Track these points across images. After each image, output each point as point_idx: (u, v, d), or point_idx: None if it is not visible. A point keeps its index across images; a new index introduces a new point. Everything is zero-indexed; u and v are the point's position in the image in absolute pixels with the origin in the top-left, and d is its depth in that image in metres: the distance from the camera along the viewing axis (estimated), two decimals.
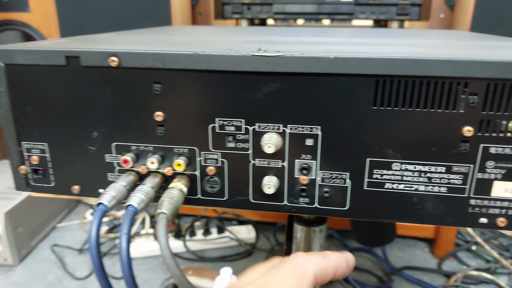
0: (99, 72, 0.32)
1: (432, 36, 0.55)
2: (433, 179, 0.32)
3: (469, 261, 1.20)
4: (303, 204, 0.34)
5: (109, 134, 0.34)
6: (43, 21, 1.41)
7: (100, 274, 0.29)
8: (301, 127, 0.31)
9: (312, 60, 0.29)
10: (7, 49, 0.33)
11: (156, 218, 0.30)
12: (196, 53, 0.30)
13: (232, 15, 0.98)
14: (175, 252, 1.23)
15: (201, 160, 0.34)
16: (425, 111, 0.30)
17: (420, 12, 0.96)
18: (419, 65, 0.28)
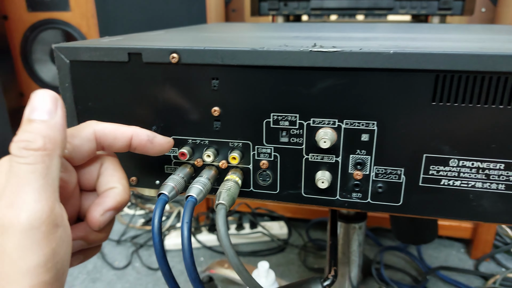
0: (160, 68, 0.33)
1: (481, 30, 0.54)
2: (491, 176, 0.31)
3: (508, 264, 1.16)
4: (355, 199, 0.34)
5: (167, 128, 0.35)
6: (83, 19, 1.46)
7: (162, 261, 0.31)
8: (357, 123, 0.32)
9: (371, 56, 0.29)
10: (72, 47, 0.34)
11: (215, 208, 0.31)
12: (254, 49, 0.31)
13: (268, 11, 0.99)
14: (209, 246, 1.25)
15: (254, 154, 0.35)
16: (485, 107, 0.29)
17: (463, 6, 0.94)
18: (482, 60, 0.28)
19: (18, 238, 0.22)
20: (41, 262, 0.23)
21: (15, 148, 0.24)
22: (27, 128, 0.25)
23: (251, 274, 0.30)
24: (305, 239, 1.27)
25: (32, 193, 0.23)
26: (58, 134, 0.25)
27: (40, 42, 1.50)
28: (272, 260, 1.19)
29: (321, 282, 0.39)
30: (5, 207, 0.23)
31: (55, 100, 0.26)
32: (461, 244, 1.26)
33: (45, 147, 0.24)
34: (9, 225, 0.23)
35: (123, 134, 0.30)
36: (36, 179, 0.24)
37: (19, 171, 0.24)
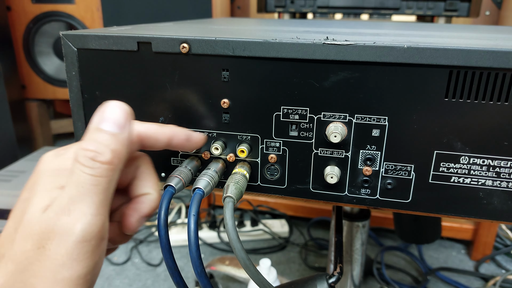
0: (169, 58, 0.33)
1: (491, 30, 0.53)
2: (502, 174, 0.31)
3: (508, 265, 1.16)
4: (364, 195, 0.34)
5: (175, 119, 0.35)
6: (87, 12, 1.46)
7: (168, 255, 0.30)
8: (368, 117, 0.31)
9: (385, 50, 0.29)
10: (80, 34, 0.34)
11: (223, 202, 0.30)
12: (266, 41, 0.31)
13: (275, 8, 0.98)
14: (210, 243, 1.25)
15: (263, 148, 0.34)
16: (498, 104, 0.29)
17: (469, 8, 0.93)
18: (496, 57, 0.28)
19: (69, 247, 0.23)
20: (82, 274, 0.23)
21: (82, 156, 0.24)
22: (96, 137, 0.25)
23: (256, 268, 0.29)
24: (306, 238, 1.27)
25: (92, 206, 0.24)
26: (124, 150, 0.26)
27: (43, 34, 1.49)
28: (273, 258, 1.18)
29: (327, 279, 0.38)
30: (61, 212, 0.23)
31: (127, 114, 0.26)
32: (461, 245, 1.25)
33: (112, 161, 0.25)
34: (63, 232, 0.23)
35: (164, 134, 0.30)
36: (98, 193, 0.24)
37: (83, 180, 0.24)
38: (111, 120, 0.25)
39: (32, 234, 0.23)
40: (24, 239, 0.23)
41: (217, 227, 1.26)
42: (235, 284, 1.07)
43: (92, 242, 0.23)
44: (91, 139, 0.25)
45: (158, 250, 1.23)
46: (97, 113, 0.26)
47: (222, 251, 1.22)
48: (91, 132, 0.25)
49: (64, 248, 0.22)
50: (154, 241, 1.28)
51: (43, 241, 0.23)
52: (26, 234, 0.23)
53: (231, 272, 0.99)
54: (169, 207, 1.20)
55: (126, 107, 0.27)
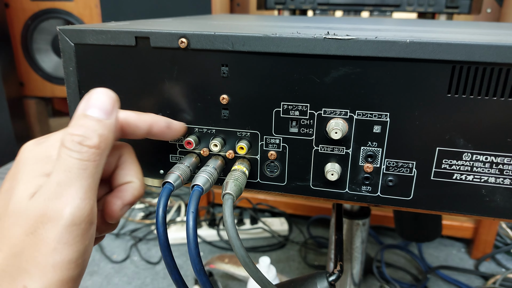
0: (168, 53, 0.32)
1: (493, 26, 0.53)
2: (505, 171, 0.31)
3: (508, 264, 1.16)
4: (365, 192, 0.33)
5: (174, 115, 0.34)
6: (85, 9, 1.45)
7: (166, 252, 0.30)
8: (369, 113, 0.31)
9: (387, 44, 0.28)
10: (77, 29, 0.34)
11: (222, 199, 0.30)
12: (266, 35, 0.30)
13: (275, 5, 0.98)
14: (209, 241, 1.24)
15: (262, 145, 0.34)
16: (502, 100, 0.29)
17: (470, 5, 0.93)
18: (500, 52, 0.27)
19: (59, 231, 0.23)
20: (73, 258, 0.24)
21: (69, 140, 0.24)
22: (83, 123, 0.25)
23: (256, 265, 0.29)
24: (306, 236, 1.27)
25: (80, 190, 0.24)
26: (111, 136, 0.26)
27: (42, 31, 1.48)
28: (272, 256, 1.18)
29: (327, 277, 0.38)
30: (50, 197, 0.23)
31: (114, 101, 0.27)
32: (461, 243, 1.25)
33: (99, 145, 0.25)
34: (53, 216, 0.23)
35: (144, 122, 0.30)
36: (86, 177, 0.24)
37: (71, 165, 0.24)
38: (98, 106, 0.26)
39: (22, 221, 0.23)
40: (13, 225, 0.23)
41: (217, 225, 1.25)
42: (234, 282, 1.07)
43: (82, 226, 0.24)
44: (77, 125, 0.25)
45: (157, 248, 1.23)
46: (83, 100, 0.26)
47: (222, 249, 1.22)
48: (78, 119, 0.25)
49: (55, 232, 0.23)
50: (153, 239, 1.27)
51: (33, 226, 0.23)
52: (14, 220, 0.23)
53: (230, 270, 0.99)
54: (168, 205, 1.19)
55: (112, 93, 0.27)
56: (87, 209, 0.24)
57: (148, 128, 0.30)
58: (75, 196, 0.24)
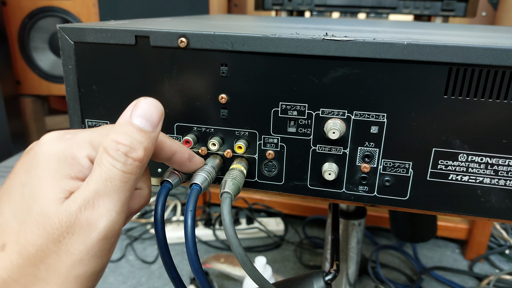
0: (167, 52, 0.32)
1: (489, 29, 0.53)
2: (500, 172, 0.31)
3: (502, 265, 1.17)
4: (362, 192, 0.34)
5: (172, 114, 0.34)
6: (83, 8, 1.45)
7: (164, 250, 0.30)
8: (367, 114, 0.31)
9: (384, 46, 0.29)
10: (77, 27, 0.34)
11: (220, 197, 0.30)
12: (266, 36, 0.30)
13: (272, 6, 0.98)
14: (205, 240, 1.24)
15: (260, 144, 0.34)
16: (498, 102, 0.29)
17: (466, 8, 0.94)
18: (496, 54, 0.28)
19: (89, 243, 0.22)
20: (96, 271, 0.23)
21: (114, 149, 0.23)
22: (129, 132, 0.24)
23: (254, 265, 0.29)
24: (301, 236, 1.27)
25: (118, 203, 0.23)
26: (153, 149, 0.25)
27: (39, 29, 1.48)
28: (268, 256, 1.18)
29: (323, 277, 0.38)
30: (85, 207, 0.22)
31: (161, 113, 0.26)
32: (456, 244, 1.26)
33: (143, 159, 0.24)
34: (85, 227, 0.22)
35: (170, 147, 0.29)
36: (126, 190, 0.23)
37: (113, 175, 0.23)
38: (145, 117, 0.24)
39: (49, 227, 0.21)
40: (36, 230, 0.21)
41: (212, 225, 1.25)
42: (230, 282, 1.07)
43: (112, 240, 0.23)
44: (123, 133, 0.23)
45: (153, 248, 1.23)
46: (130, 107, 0.25)
47: (217, 249, 1.22)
48: (123, 126, 0.24)
49: (84, 244, 0.22)
50: (148, 238, 1.27)
51: (62, 235, 0.21)
52: (38, 225, 0.21)
53: (226, 270, 0.99)
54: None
55: (161, 106, 0.26)
56: (121, 223, 0.23)
57: (172, 155, 0.29)
58: (112, 209, 0.22)
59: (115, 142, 0.23)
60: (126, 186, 0.23)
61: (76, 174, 0.23)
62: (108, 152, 0.23)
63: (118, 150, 0.23)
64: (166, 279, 1.10)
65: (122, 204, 0.23)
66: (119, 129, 0.24)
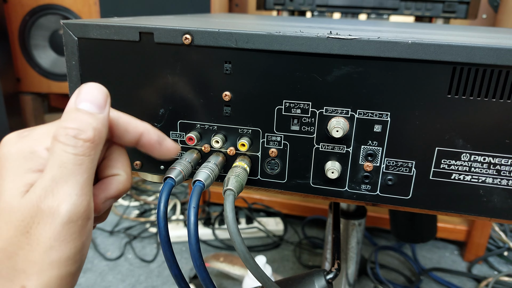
0: (171, 49, 0.32)
1: (491, 31, 0.54)
2: (503, 172, 0.31)
3: (501, 267, 1.17)
4: (364, 191, 0.34)
5: (176, 111, 0.34)
6: (84, 6, 1.44)
7: (166, 247, 0.30)
8: (370, 113, 0.31)
9: (389, 45, 0.29)
10: (81, 23, 0.34)
11: (224, 194, 0.30)
12: (270, 33, 0.30)
13: (274, 6, 0.98)
14: (204, 239, 1.24)
15: (263, 142, 0.34)
16: (501, 102, 0.29)
17: (467, 10, 0.94)
18: (500, 54, 0.28)
19: (55, 229, 0.22)
20: (71, 254, 0.23)
21: (63, 134, 0.23)
22: (75, 116, 0.24)
23: (256, 262, 0.29)
24: (301, 236, 1.27)
25: (76, 186, 0.23)
26: (104, 130, 0.25)
27: (39, 27, 1.48)
28: (267, 256, 1.18)
29: (325, 275, 0.38)
30: (45, 195, 0.22)
31: (105, 95, 0.26)
32: (454, 246, 1.26)
33: (94, 139, 0.24)
34: (48, 214, 0.22)
35: (135, 128, 0.28)
36: (82, 172, 0.23)
37: (66, 160, 0.23)
38: (90, 100, 0.25)
39: (15, 220, 0.22)
40: (4, 225, 0.22)
41: (212, 224, 1.25)
42: (229, 281, 1.07)
43: (79, 223, 0.23)
44: (71, 118, 0.24)
45: (152, 246, 1.23)
46: (74, 94, 0.25)
47: (216, 248, 1.22)
48: (70, 112, 0.24)
49: (51, 230, 0.22)
50: (147, 237, 1.27)
51: (28, 225, 0.22)
52: (6, 220, 0.22)
53: (225, 269, 0.99)
54: None
55: (103, 88, 0.26)
56: (84, 205, 0.23)
57: (138, 137, 0.29)
58: (71, 192, 0.23)
59: (63, 127, 0.24)
60: (81, 168, 0.23)
61: (38, 167, 0.24)
62: (57, 139, 0.23)
63: (68, 135, 0.23)
64: (165, 278, 1.10)
65: (81, 186, 0.23)
66: (66, 116, 0.24)
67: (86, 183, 0.24)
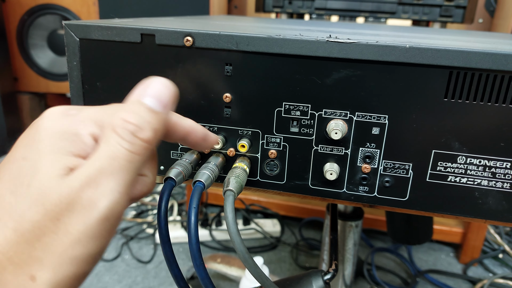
0: (172, 51, 0.33)
1: (488, 35, 0.54)
2: (497, 175, 0.32)
3: (496, 269, 1.18)
4: (362, 192, 0.34)
5: (176, 112, 0.35)
6: (83, 6, 1.45)
7: (167, 247, 0.30)
8: (368, 115, 0.32)
9: (387, 49, 0.29)
10: (83, 24, 0.34)
11: (224, 195, 0.30)
12: (270, 36, 0.31)
13: (273, 8, 0.99)
14: (201, 241, 1.24)
15: (263, 143, 0.34)
16: (496, 106, 0.30)
17: (464, 14, 0.95)
18: (496, 59, 0.28)
19: (89, 223, 0.21)
20: (94, 253, 0.21)
21: (121, 127, 0.22)
22: (137, 110, 0.23)
23: (255, 262, 0.29)
24: (298, 238, 1.28)
25: (121, 183, 0.22)
26: (162, 131, 0.24)
27: (37, 27, 1.48)
28: (264, 257, 1.18)
29: (322, 276, 0.38)
30: (88, 184, 0.21)
31: (173, 94, 0.25)
32: (450, 248, 1.27)
33: (151, 140, 0.23)
34: (86, 206, 0.21)
35: (183, 128, 0.28)
36: (130, 171, 0.22)
37: (118, 154, 0.22)
38: (156, 97, 0.24)
39: (47, 203, 0.20)
40: (34, 206, 0.20)
41: (209, 225, 1.26)
42: (226, 282, 1.07)
43: (112, 222, 0.21)
44: (132, 111, 0.23)
45: (149, 247, 1.23)
46: (141, 86, 0.24)
47: (214, 249, 1.22)
48: (133, 104, 0.23)
49: (84, 223, 0.20)
50: (144, 237, 1.27)
51: (61, 212, 0.20)
52: (37, 201, 0.20)
53: (223, 270, 0.99)
54: None
55: (173, 86, 0.25)
56: (122, 205, 0.22)
57: (185, 135, 0.28)
58: (115, 188, 0.21)
59: (123, 120, 0.22)
60: (131, 167, 0.22)
61: (79, 152, 0.22)
62: (115, 130, 0.22)
63: (126, 129, 0.22)
64: (162, 279, 1.10)
65: (126, 185, 0.22)
66: (129, 107, 0.23)
67: (130, 182, 0.22)
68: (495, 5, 1.25)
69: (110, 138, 0.22)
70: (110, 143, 0.22)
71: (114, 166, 0.21)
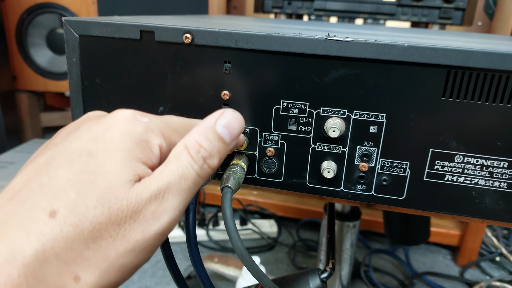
0: (172, 48, 0.33)
1: (486, 37, 0.55)
2: (495, 174, 0.32)
3: (493, 272, 1.18)
4: (359, 191, 0.34)
5: (175, 110, 0.35)
6: (82, 5, 1.45)
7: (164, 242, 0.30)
8: (366, 114, 0.32)
9: (385, 47, 0.30)
10: (82, 21, 0.34)
11: (221, 192, 0.30)
12: (269, 34, 0.31)
13: (272, 9, 0.99)
14: (198, 240, 1.24)
15: (261, 141, 0.35)
16: (494, 105, 0.30)
17: (463, 17, 0.95)
18: (494, 59, 0.29)
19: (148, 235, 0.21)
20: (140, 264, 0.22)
21: (196, 150, 0.23)
22: (211, 138, 0.24)
23: (252, 258, 0.30)
24: (295, 238, 1.28)
25: (182, 203, 0.22)
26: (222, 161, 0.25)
27: (36, 25, 1.48)
28: (261, 257, 1.18)
29: (319, 274, 0.39)
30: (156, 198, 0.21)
31: (241, 129, 0.26)
32: (447, 250, 1.27)
33: (215, 168, 0.24)
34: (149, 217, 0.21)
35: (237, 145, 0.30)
36: (192, 192, 0.23)
37: (188, 175, 0.23)
38: (228, 128, 0.25)
39: (115, 207, 0.20)
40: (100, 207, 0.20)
41: (206, 225, 1.25)
42: (223, 282, 1.07)
43: (165, 237, 0.22)
44: (206, 137, 0.24)
45: None
46: (217, 114, 0.25)
47: (211, 249, 1.22)
48: (207, 130, 0.24)
49: (143, 235, 0.21)
50: None
51: (125, 219, 0.20)
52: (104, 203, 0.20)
53: (220, 270, 0.99)
54: None
55: (243, 121, 0.27)
56: (176, 223, 0.22)
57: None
58: (177, 207, 0.22)
59: (198, 144, 0.23)
60: (194, 189, 0.23)
61: (146, 160, 0.22)
62: (189, 151, 0.23)
63: (199, 153, 0.23)
64: (159, 278, 1.10)
65: (185, 205, 0.23)
66: (203, 132, 0.24)
67: (187, 203, 0.23)
68: (494, 8, 1.26)
69: (183, 157, 0.23)
70: (182, 162, 0.23)
71: (182, 185, 0.22)
